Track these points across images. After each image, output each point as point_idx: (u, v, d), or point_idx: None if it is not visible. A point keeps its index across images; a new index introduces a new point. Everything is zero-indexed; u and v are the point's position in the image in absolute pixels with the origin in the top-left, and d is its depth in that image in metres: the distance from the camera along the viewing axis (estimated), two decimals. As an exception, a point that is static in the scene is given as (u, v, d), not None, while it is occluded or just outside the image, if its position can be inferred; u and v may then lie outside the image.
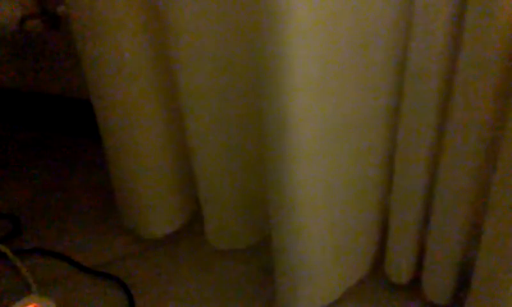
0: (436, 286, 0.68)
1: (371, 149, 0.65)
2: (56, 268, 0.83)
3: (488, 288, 0.59)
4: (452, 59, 0.55)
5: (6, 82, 1.07)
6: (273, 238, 0.68)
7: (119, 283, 0.79)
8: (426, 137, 0.60)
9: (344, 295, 0.74)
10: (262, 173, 0.72)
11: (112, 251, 0.85)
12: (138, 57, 0.69)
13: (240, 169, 0.74)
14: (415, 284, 0.72)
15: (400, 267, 0.71)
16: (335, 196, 0.65)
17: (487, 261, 0.58)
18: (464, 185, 0.59)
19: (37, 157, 1.06)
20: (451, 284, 0.67)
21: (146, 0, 0.66)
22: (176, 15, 0.61)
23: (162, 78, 0.72)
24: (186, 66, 0.65)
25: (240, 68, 0.66)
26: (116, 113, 0.74)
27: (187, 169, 0.79)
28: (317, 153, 0.60)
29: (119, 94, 0.72)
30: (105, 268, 0.81)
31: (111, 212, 0.91)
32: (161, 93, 0.74)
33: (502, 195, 0.54)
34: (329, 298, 0.72)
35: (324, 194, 0.64)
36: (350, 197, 0.67)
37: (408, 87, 0.59)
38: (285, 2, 0.49)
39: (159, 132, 0.77)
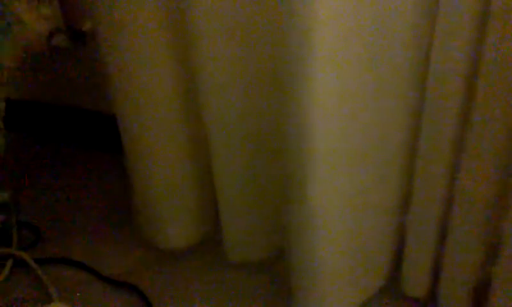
0: (452, 301, 0.68)
1: (389, 165, 0.67)
2: (76, 277, 0.84)
3: (506, 304, 0.60)
4: (475, 65, 0.55)
5: (29, 95, 1.09)
6: (291, 251, 0.69)
7: (138, 292, 0.80)
8: (445, 152, 0.61)
9: (360, 308, 0.75)
10: (279, 188, 0.73)
11: (128, 262, 0.86)
12: (164, 72, 0.71)
13: (259, 184, 0.75)
14: (430, 298, 0.73)
15: (415, 281, 0.72)
16: (353, 210, 0.66)
17: (505, 277, 0.59)
18: (482, 200, 0.60)
19: (59, 168, 1.07)
20: (467, 300, 0.67)
21: (174, 17, 0.67)
22: (200, 28, 0.63)
23: (187, 93, 0.74)
24: (209, 83, 0.66)
25: (260, 85, 0.67)
26: (140, 128, 0.75)
27: (207, 183, 0.81)
28: (335, 168, 0.61)
29: (143, 109, 0.73)
30: (123, 277, 0.82)
31: (127, 223, 0.91)
32: (185, 108, 0.75)
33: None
34: (345, 311, 0.73)
35: (343, 209, 0.65)
36: (368, 211, 0.68)
37: (428, 105, 0.60)
38: (306, 18, 0.51)
39: (181, 148, 0.78)
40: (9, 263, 0.85)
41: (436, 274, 0.71)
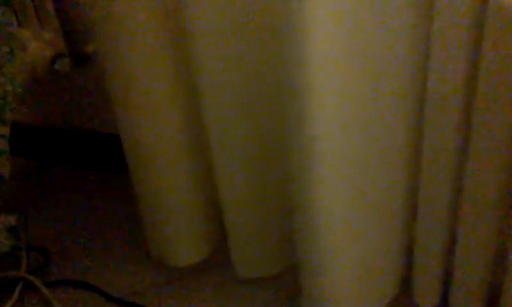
0: (465, 308, 0.68)
1: (394, 175, 0.66)
2: (85, 299, 0.84)
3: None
4: (475, 65, 0.55)
5: (34, 120, 1.11)
6: (301, 265, 0.69)
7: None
8: (449, 160, 0.61)
9: (371, 319, 0.74)
10: (286, 202, 0.73)
11: (139, 281, 0.86)
12: (167, 96, 0.72)
13: (265, 198, 0.75)
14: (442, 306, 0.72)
15: (426, 291, 0.72)
16: (361, 222, 0.66)
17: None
18: (489, 202, 0.60)
19: (68, 191, 1.08)
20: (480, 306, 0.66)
21: (175, 40, 0.68)
22: (200, 54, 0.64)
23: (190, 113, 0.74)
24: (212, 96, 0.67)
25: (261, 86, 0.67)
26: (144, 149, 0.76)
27: (212, 199, 0.81)
28: (340, 181, 0.61)
29: (147, 131, 0.74)
30: (133, 298, 0.83)
31: (137, 243, 0.92)
32: (188, 129, 0.76)
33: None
34: (357, 323, 0.72)
35: (350, 221, 0.65)
36: (375, 222, 0.67)
37: (429, 112, 0.60)
38: (306, 36, 0.52)
39: (186, 165, 0.78)
40: (18, 287, 0.85)
41: (447, 282, 0.70)
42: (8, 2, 0.74)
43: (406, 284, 0.76)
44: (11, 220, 0.90)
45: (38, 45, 0.89)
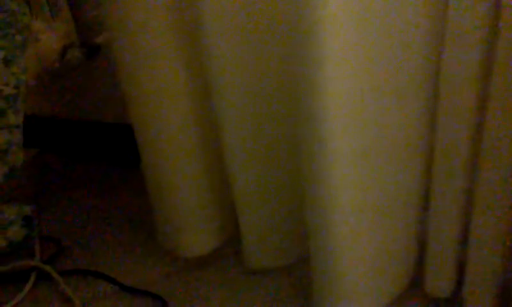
0: (478, 301, 0.67)
1: (406, 169, 0.66)
2: (98, 288, 0.85)
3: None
4: (487, 67, 0.55)
5: (47, 111, 1.12)
6: (312, 258, 0.69)
7: (161, 301, 0.80)
8: (463, 151, 0.61)
9: (383, 311, 0.74)
10: (297, 195, 0.73)
11: (150, 272, 0.86)
12: (178, 91, 0.72)
13: (276, 192, 0.76)
14: (455, 299, 0.72)
15: (439, 282, 0.71)
16: (373, 215, 0.66)
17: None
18: (502, 199, 0.59)
19: (78, 183, 1.09)
20: (494, 299, 0.66)
21: (185, 29, 0.68)
22: (208, 27, 0.63)
23: (202, 105, 0.74)
24: (222, 93, 0.67)
25: (276, 98, 0.68)
26: (157, 140, 0.76)
27: (224, 192, 0.81)
28: (352, 177, 0.61)
29: (159, 122, 0.74)
30: (143, 288, 0.83)
31: (149, 234, 0.93)
32: (200, 123, 0.76)
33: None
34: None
35: (362, 214, 0.64)
36: (387, 214, 0.67)
37: (442, 107, 0.60)
38: (319, 26, 0.51)
39: (197, 159, 0.79)
40: (33, 276, 0.87)
41: (460, 274, 0.70)
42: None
43: (418, 275, 0.75)
44: (26, 210, 0.91)
45: (50, 36, 0.89)
